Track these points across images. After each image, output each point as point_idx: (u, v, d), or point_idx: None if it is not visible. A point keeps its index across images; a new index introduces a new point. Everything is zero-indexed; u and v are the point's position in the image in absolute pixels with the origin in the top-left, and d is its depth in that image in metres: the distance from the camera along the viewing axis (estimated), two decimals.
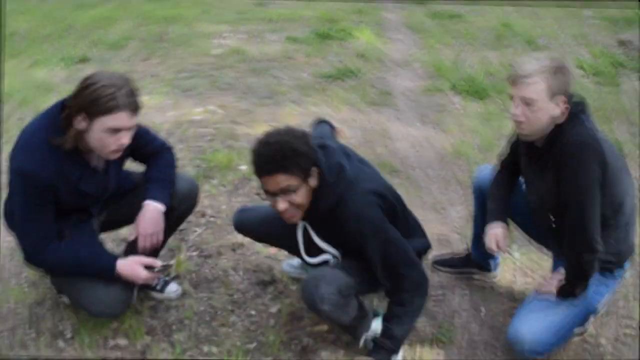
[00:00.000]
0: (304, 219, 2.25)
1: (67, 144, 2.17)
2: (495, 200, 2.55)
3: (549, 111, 2.19)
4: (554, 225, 2.36)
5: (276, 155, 2.02)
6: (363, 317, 2.37)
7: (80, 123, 2.14)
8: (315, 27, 6.77)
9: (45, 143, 2.16)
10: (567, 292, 2.33)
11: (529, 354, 2.30)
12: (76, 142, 2.18)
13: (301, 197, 2.10)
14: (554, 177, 2.24)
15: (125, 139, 2.18)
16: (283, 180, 2.04)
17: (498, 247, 2.43)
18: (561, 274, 2.36)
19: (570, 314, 2.34)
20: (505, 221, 2.50)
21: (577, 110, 2.24)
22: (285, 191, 2.07)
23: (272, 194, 2.11)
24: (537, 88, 2.16)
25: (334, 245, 2.34)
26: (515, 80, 2.19)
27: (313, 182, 2.13)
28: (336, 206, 2.15)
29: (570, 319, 2.36)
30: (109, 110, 2.10)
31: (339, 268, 2.28)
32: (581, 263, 2.25)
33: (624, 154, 3.97)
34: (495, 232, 2.46)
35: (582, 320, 2.44)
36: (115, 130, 2.14)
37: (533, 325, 2.29)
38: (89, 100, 2.10)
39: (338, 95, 5.01)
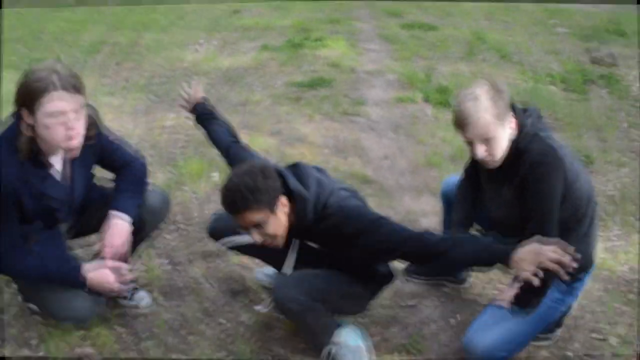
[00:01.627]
0: (295, 237, 2.30)
1: (22, 146, 2.13)
2: (459, 210, 2.61)
3: (505, 137, 2.24)
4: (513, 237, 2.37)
5: (236, 196, 2.12)
6: (329, 329, 2.36)
7: (27, 121, 2.10)
8: (289, 36, 6.78)
9: (5, 152, 2.14)
10: (521, 302, 2.36)
11: None
12: (30, 144, 2.14)
13: (273, 227, 2.18)
14: (515, 193, 2.28)
15: (74, 123, 2.11)
16: (249, 216, 2.14)
17: None
18: (517, 284, 2.39)
19: (525, 326, 2.37)
20: (468, 230, 2.56)
21: (533, 125, 2.28)
22: (256, 225, 2.16)
23: (246, 228, 2.20)
24: (488, 123, 2.19)
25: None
26: (463, 125, 2.23)
27: (283, 209, 2.20)
28: (321, 218, 2.21)
29: (524, 331, 2.38)
30: (42, 94, 2.05)
31: (316, 274, 2.32)
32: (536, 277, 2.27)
33: (593, 165, 4.05)
34: None
35: (537, 332, 2.45)
36: (58, 114, 2.07)
37: (486, 335, 2.33)
38: (25, 92, 2.07)
39: (311, 105, 5.01)
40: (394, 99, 5.26)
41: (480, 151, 2.25)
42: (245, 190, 2.11)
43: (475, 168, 2.57)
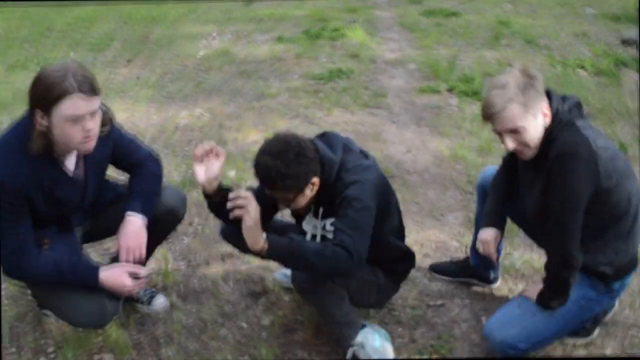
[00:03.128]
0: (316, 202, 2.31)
1: (35, 146, 2.10)
2: (492, 202, 2.53)
3: (537, 126, 2.15)
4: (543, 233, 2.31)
5: (266, 178, 2.16)
6: (351, 321, 2.34)
7: (41, 122, 2.07)
8: (305, 26, 6.72)
9: (17, 151, 2.10)
10: (544, 302, 2.30)
11: (498, 352, 2.34)
12: (43, 143, 2.11)
13: (300, 202, 2.24)
14: (543, 184, 2.19)
15: (90, 124, 2.09)
16: (279, 194, 2.21)
17: (490, 253, 2.44)
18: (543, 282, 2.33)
19: (548, 323, 2.30)
20: (498, 225, 2.49)
21: (570, 115, 2.18)
22: (287, 202, 2.24)
23: (277, 201, 2.29)
24: (516, 114, 2.11)
25: None
26: (490, 116, 2.15)
27: (312, 187, 2.22)
28: (338, 178, 2.23)
29: (549, 327, 2.31)
30: (59, 97, 2.02)
31: None
32: (557, 278, 2.23)
33: (627, 156, 3.90)
34: (485, 238, 2.46)
35: (564, 330, 2.38)
36: (75, 118, 2.05)
37: (506, 327, 2.29)
38: (40, 93, 2.04)
39: (329, 98, 4.94)
40: (416, 90, 5.18)
41: (510, 143, 2.17)
42: (275, 175, 2.13)
43: (513, 157, 2.46)
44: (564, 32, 6.55)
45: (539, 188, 2.23)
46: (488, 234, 2.45)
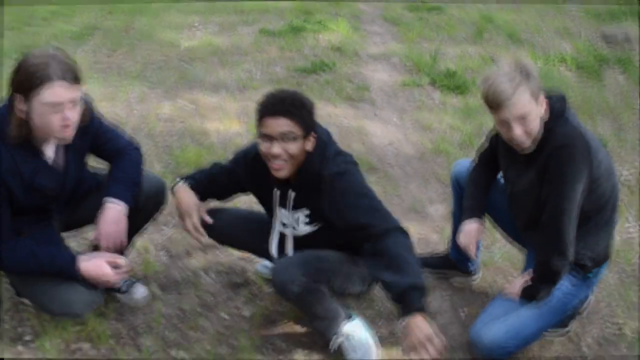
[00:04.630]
0: (288, 184, 2.25)
1: (13, 133, 2.08)
2: (471, 197, 2.53)
3: (538, 115, 2.16)
4: (532, 226, 2.32)
5: (287, 100, 2.14)
6: (336, 315, 2.32)
7: (20, 106, 2.05)
8: (289, 19, 6.68)
9: None
10: (529, 294, 2.31)
11: (486, 356, 2.31)
12: (21, 129, 2.09)
13: (296, 148, 2.15)
14: (537, 176, 2.20)
15: (70, 113, 2.08)
16: (285, 125, 2.11)
17: (470, 246, 2.44)
18: (527, 276, 2.34)
19: (534, 319, 2.31)
20: (480, 218, 2.48)
21: (561, 107, 2.20)
22: (284, 137, 2.12)
23: (269, 138, 2.14)
24: (524, 100, 2.11)
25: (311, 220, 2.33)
26: (499, 103, 2.12)
27: (309, 144, 2.18)
28: (320, 172, 2.20)
29: (534, 324, 2.32)
30: (41, 83, 2.00)
31: (317, 255, 2.28)
32: (550, 267, 2.24)
33: (608, 151, 3.95)
34: (468, 231, 2.45)
35: (547, 325, 2.39)
36: (55, 105, 2.03)
37: (493, 327, 2.28)
38: (22, 79, 2.02)
39: (313, 90, 4.91)
40: (399, 84, 5.17)
41: (518, 131, 2.14)
42: (297, 100, 2.15)
43: (492, 154, 2.47)
44: (546, 28, 6.58)
45: (531, 181, 2.23)
46: (471, 226, 2.46)
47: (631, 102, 4.83)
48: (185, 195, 2.45)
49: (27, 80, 2.01)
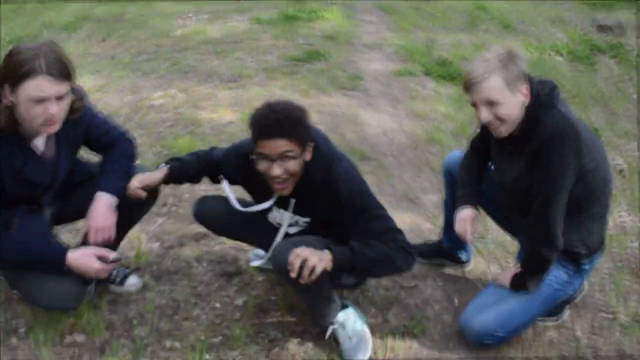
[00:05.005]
0: (290, 195, 2.24)
1: (2, 121, 2.06)
2: (464, 185, 2.53)
3: (514, 104, 2.16)
4: (520, 214, 2.33)
5: (281, 120, 2.08)
6: (332, 302, 2.32)
7: (8, 96, 2.04)
8: (282, 7, 6.65)
9: None
10: (519, 284, 2.32)
11: (475, 343, 2.34)
12: (9, 118, 2.07)
13: (296, 165, 2.13)
14: (527, 165, 2.20)
15: (53, 108, 2.05)
16: (283, 145, 2.08)
17: (467, 232, 2.43)
18: (517, 266, 2.35)
19: (526, 307, 2.32)
20: (475, 205, 2.49)
21: (550, 95, 2.20)
22: (283, 157, 2.10)
23: (268, 159, 2.12)
24: (494, 86, 2.13)
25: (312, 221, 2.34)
26: (469, 86, 2.17)
27: (308, 155, 2.17)
28: (323, 179, 2.19)
29: (525, 312, 2.33)
30: (26, 76, 1.99)
31: (318, 239, 2.25)
32: (539, 257, 2.25)
33: (601, 139, 3.95)
34: (464, 217, 2.45)
35: (539, 313, 2.40)
36: (38, 100, 2.02)
37: (483, 314, 2.30)
38: (9, 69, 2.01)
39: (306, 79, 4.91)
40: (393, 73, 5.17)
41: (484, 114, 2.17)
42: (292, 118, 2.10)
43: (483, 141, 2.48)
44: (540, 18, 6.58)
45: (520, 169, 2.23)
46: (466, 213, 2.46)
47: (624, 90, 4.84)
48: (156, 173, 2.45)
49: (14, 72, 1.99)
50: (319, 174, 2.19)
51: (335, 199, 2.17)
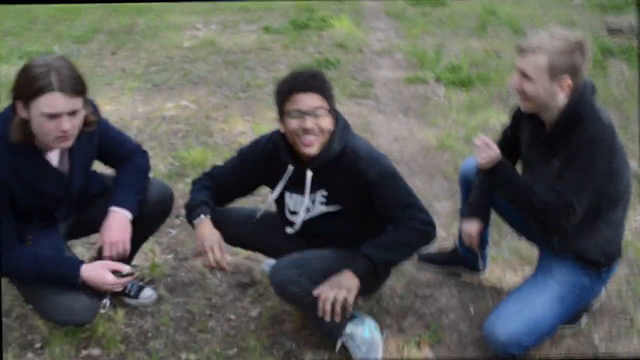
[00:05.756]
0: (304, 165, 2.27)
1: (16, 136, 2.08)
2: (476, 192, 2.51)
3: (546, 89, 2.13)
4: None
5: (317, 76, 2.20)
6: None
7: (21, 112, 2.05)
8: (292, 16, 6.67)
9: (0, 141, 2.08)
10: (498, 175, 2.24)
11: (501, 353, 2.27)
12: (23, 133, 2.08)
13: (328, 123, 2.19)
14: (561, 167, 2.17)
15: (67, 124, 2.06)
16: (317, 100, 2.16)
17: (473, 245, 2.46)
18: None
19: (550, 314, 2.28)
20: (481, 216, 2.49)
21: (591, 96, 2.18)
22: (315, 113, 2.16)
23: (301, 113, 2.16)
24: (537, 63, 2.10)
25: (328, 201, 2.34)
26: (519, 50, 2.16)
27: (332, 119, 2.22)
28: (343, 150, 2.24)
29: (549, 319, 2.30)
30: (39, 92, 2.00)
31: (317, 255, 2.27)
32: (547, 208, 2.17)
33: None
34: (468, 232, 2.47)
35: (562, 320, 2.36)
36: (52, 116, 2.03)
37: (508, 323, 2.24)
38: (22, 85, 2.02)
39: None
40: (403, 80, 5.16)
41: (514, 79, 2.17)
42: (324, 77, 2.22)
43: (509, 143, 2.45)
44: (551, 21, 6.54)
45: (554, 172, 2.20)
46: (471, 225, 2.46)
47: (636, 93, 4.79)
48: (206, 230, 2.30)
49: (27, 88, 2.01)
50: (339, 144, 2.23)
51: (354, 168, 2.21)
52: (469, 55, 5.58)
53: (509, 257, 2.93)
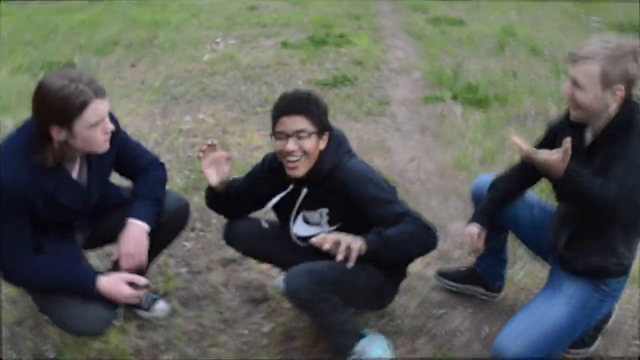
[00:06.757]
0: (302, 183, 2.28)
1: (49, 160, 2.09)
2: (486, 200, 2.52)
3: (598, 98, 2.07)
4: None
5: (302, 98, 2.22)
6: (348, 332, 2.31)
7: (59, 135, 2.05)
8: (310, 32, 6.71)
9: (22, 157, 2.08)
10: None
11: None
12: (57, 155, 2.10)
13: (310, 145, 2.20)
14: (604, 164, 2.09)
15: (109, 124, 2.13)
16: (301, 122, 2.18)
17: (470, 246, 2.45)
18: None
19: (559, 331, 2.24)
20: (483, 222, 2.49)
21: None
22: (299, 135, 2.18)
23: (284, 135, 2.20)
24: (590, 72, 2.05)
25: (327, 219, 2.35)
26: (571, 58, 2.11)
27: (323, 143, 2.25)
28: (334, 169, 2.25)
29: (559, 336, 2.25)
30: (83, 107, 2.02)
31: (329, 265, 2.23)
32: (585, 192, 2.03)
33: None
34: (468, 231, 2.48)
35: (573, 337, 2.31)
36: (100, 122, 2.07)
37: (517, 340, 2.20)
38: (55, 109, 2.01)
39: (334, 104, 4.92)
40: (420, 98, 5.16)
41: (565, 87, 2.12)
42: (313, 99, 2.23)
43: (525, 168, 2.39)
44: (569, 43, 6.53)
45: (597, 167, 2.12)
46: (472, 227, 2.47)
47: None
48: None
49: (63, 111, 2.01)
50: (330, 163, 2.25)
51: (345, 188, 2.21)
52: (487, 75, 5.58)
53: (523, 280, 2.90)
